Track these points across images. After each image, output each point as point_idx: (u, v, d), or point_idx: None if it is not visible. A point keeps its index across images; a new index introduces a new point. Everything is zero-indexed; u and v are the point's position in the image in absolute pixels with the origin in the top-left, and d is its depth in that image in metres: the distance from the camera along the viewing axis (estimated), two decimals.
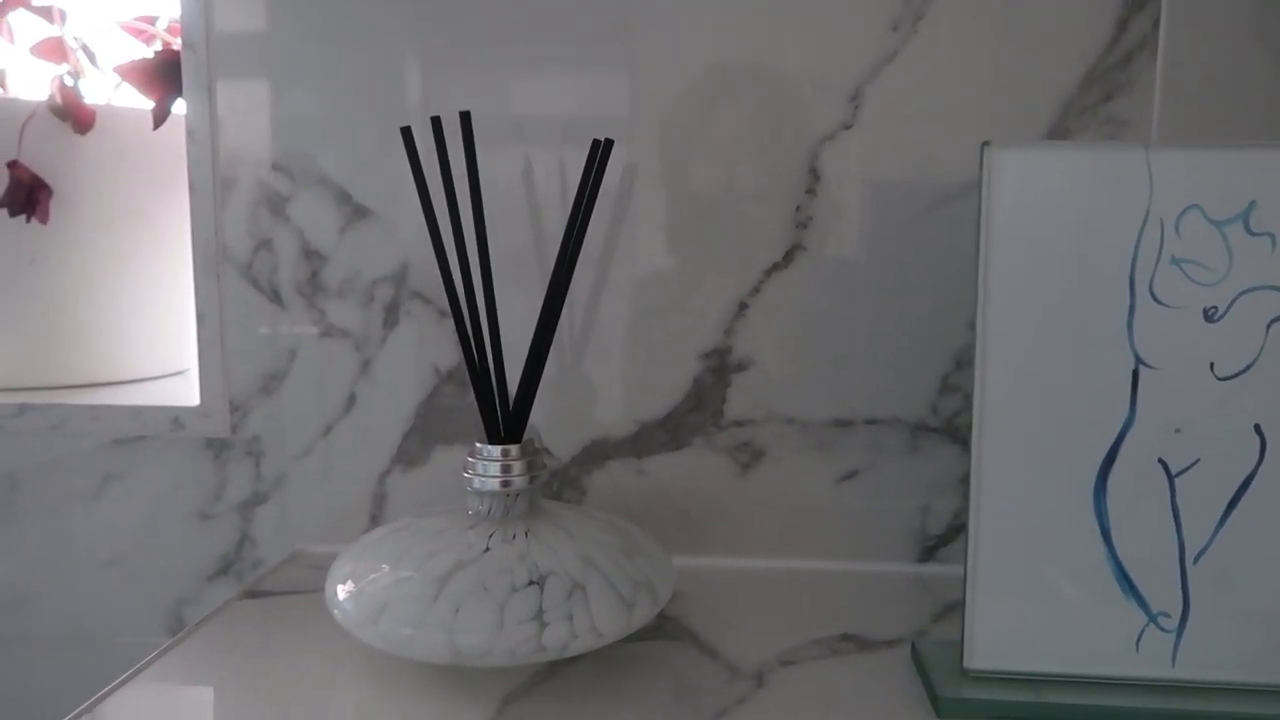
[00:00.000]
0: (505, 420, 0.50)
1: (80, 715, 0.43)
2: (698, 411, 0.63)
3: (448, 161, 0.49)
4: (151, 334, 0.75)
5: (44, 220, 0.68)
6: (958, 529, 0.63)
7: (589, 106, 0.61)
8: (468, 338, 0.50)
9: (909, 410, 0.62)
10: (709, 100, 0.61)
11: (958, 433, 0.62)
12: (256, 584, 0.60)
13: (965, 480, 0.45)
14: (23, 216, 0.67)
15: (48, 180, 0.68)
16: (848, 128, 0.60)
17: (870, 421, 0.62)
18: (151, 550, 0.66)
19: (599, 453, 0.64)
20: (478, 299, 0.49)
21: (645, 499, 0.63)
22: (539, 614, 0.45)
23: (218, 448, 0.65)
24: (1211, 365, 0.44)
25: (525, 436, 0.51)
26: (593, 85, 0.61)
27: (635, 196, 0.62)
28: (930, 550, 0.63)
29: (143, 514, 0.66)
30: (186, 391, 0.69)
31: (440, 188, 0.49)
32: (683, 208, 0.62)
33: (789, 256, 0.62)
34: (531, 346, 0.50)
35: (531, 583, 0.46)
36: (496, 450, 0.50)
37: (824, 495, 0.63)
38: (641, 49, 0.61)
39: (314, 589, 0.58)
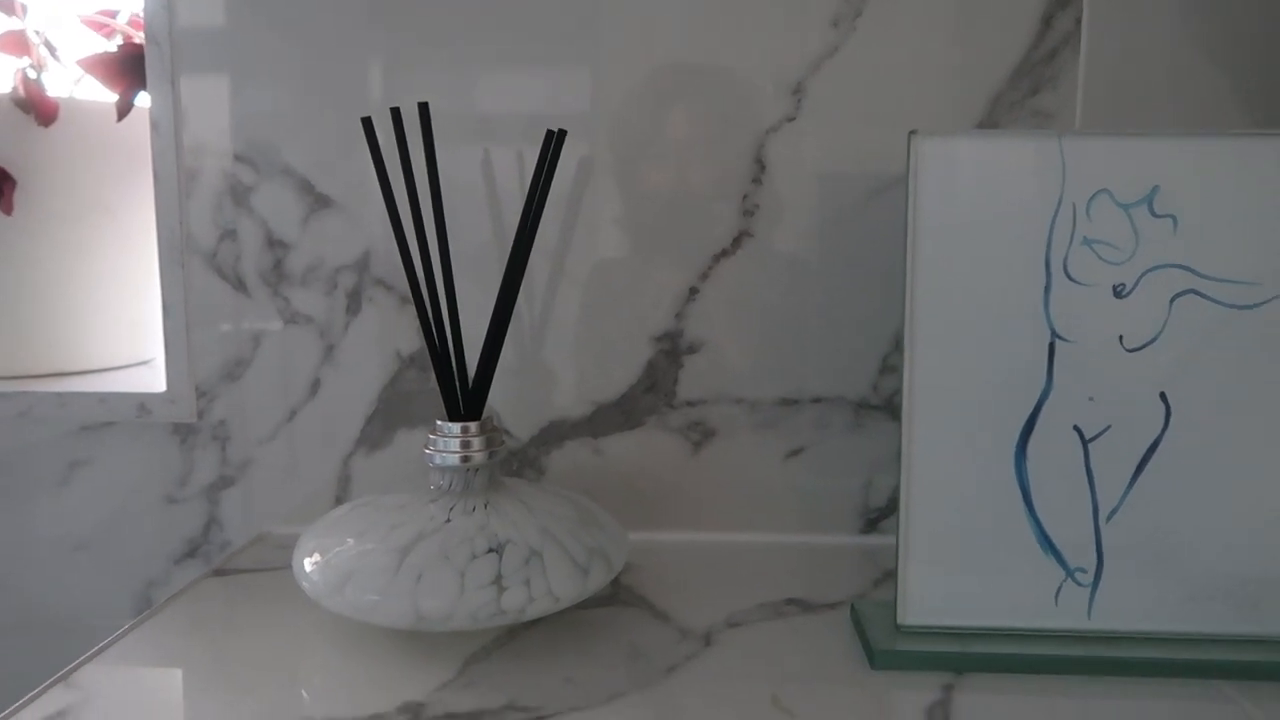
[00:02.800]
0: (465, 398, 0.53)
1: (55, 683, 0.45)
2: (651, 393, 0.66)
3: (407, 151, 0.51)
4: (116, 323, 0.76)
5: (8, 211, 0.69)
6: (898, 501, 0.66)
7: (549, 99, 0.64)
8: (428, 319, 0.52)
9: (852, 389, 0.65)
10: (661, 95, 0.64)
11: (898, 410, 0.65)
12: (225, 564, 0.62)
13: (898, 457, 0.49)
14: None
15: (11, 172, 0.69)
16: (791, 120, 0.63)
17: (816, 400, 0.65)
18: (119, 534, 0.67)
19: (557, 433, 0.66)
20: (437, 282, 0.52)
21: (601, 477, 0.66)
22: (498, 579, 0.47)
23: (184, 433, 0.67)
24: (1121, 338, 0.48)
25: (484, 415, 0.54)
26: (553, 80, 0.64)
27: (590, 187, 0.64)
28: (873, 522, 0.67)
29: (110, 499, 0.67)
30: (152, 380, 0.71)
31: (400, 177, 0.51)
32: (635, 197, 0.64)
33: (737, 243, 0.64)
34: (490, 325, 0.53)
35: (491, 550, 0.48)
36: (456, 427, 0.52)
37: (772, 471, 0.66)
38: (599, 47, 0.63)
39: (281, 566, 0.60)
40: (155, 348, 0.81)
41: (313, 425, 0.66)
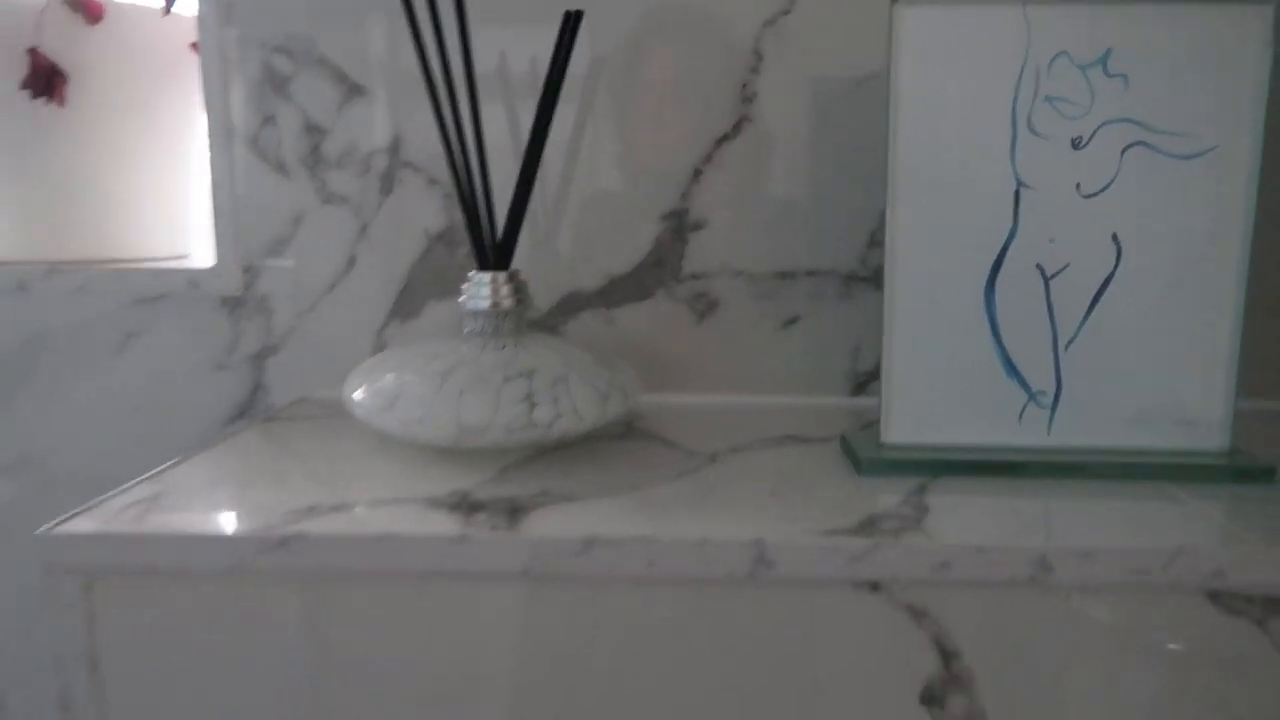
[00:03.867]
0: (495, 249, 0.59)
1: (142, 481, 0.52)
2: (659, 267, 0.72)
3: (439, 25, 0.57)
4: (157, 216, 0.82)
5: (60, 103, 0.75)
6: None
7: None
8: (460, 176, 0.58)
9: (843, 262, 0.71)
10: None
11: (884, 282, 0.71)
12: (272, 416, 0.68)
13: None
14: (42, 99, 0.74)
15: (62, 68, 0.75)
16: (786, 13, 0.69)
17: (809, 273, 0.72)
18: (173, 399, 0.74)
19: (573, 304, 0.72)
20: (468, 141, 0.58)
21: (614, 344, 0.72)
22: (529, 396, 0.53)
23: (232, 305, 0.73)
24: (1078, 185, 0.54)
25: (511, 268, 0.60)
26: None
27: (600, 78, 0.70)
28: (861, 385, 0.73)
29: (164, 367, 0.73)
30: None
31: (432, 49, 0.57)
32: (641, 86, 0.70)
33: (737, 128, 0.70)
34: (517, 182, 0.59)
35: (521, 375, 0.55)
36: (487, 276, 0.59)
37: (770, 339, 0.72)
38: None
39: (325, 416, 0.67)
40: (191, 243, 0.87)
41: (349, 297, 0.72)
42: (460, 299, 0.59)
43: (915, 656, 0.44)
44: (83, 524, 0.44)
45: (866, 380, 0.73)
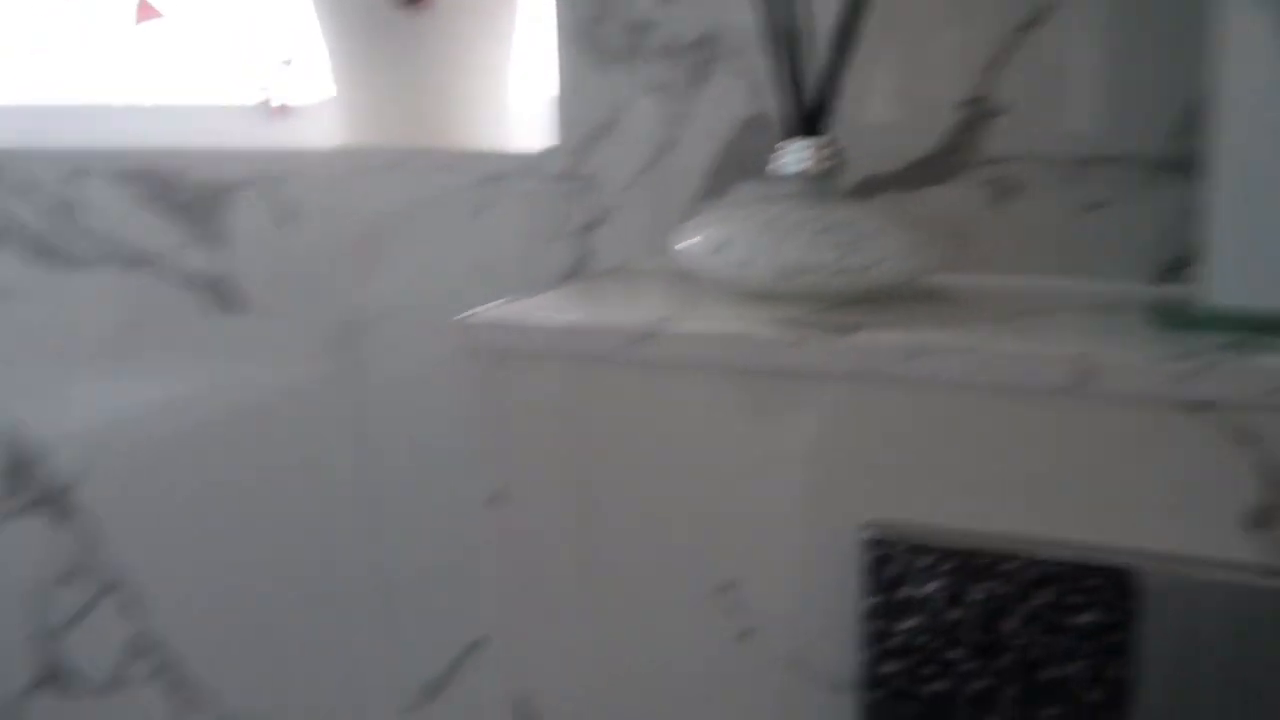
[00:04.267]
0: (808, 114, 0.64)
1: (495, 307, 0.61)
2: (959, 152, 0.74)
3: None
4: (495, 109, 0.93)
5: (427, 7, 0.87)
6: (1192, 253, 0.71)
7: None
8: (776, 41, 0.63)
9: (1149, 148, 0.70)
10: None
11: (1192, 169, 0.70)
12: (598, 275, 0.77)
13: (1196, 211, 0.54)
14: (410, 6, 0.86)
15: None
16: None
17: (1114, 159, 0.71)
18: (515, 264, 0.85)
19: (872, 186, 0.76)
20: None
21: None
22: (843, 244, 0.58)
23: (564, 182, 0.83)
24: None
25: (824, 135, 0.64)
26: None
27: None
28: (1166, 273, 0.72)
29: (508, 235, 0.85)
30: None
31: None
32: None
33: (1038, 15, 0.71)
34: (834, 50, 0.63)
35: (838, 225, 0.60)
36: (803, 141, 0.64)
37: (1072, 224, 0.73)
38: None
39: (646, 277, 0.75)
40: (519, 133, 0.97)
41: (666, 176, 0.80)
42: (772, 165, 0.65)
43: (1236, 481, 0.45)
44: (489, 314, 0.54)
45: (1171, 267, 0.72)
